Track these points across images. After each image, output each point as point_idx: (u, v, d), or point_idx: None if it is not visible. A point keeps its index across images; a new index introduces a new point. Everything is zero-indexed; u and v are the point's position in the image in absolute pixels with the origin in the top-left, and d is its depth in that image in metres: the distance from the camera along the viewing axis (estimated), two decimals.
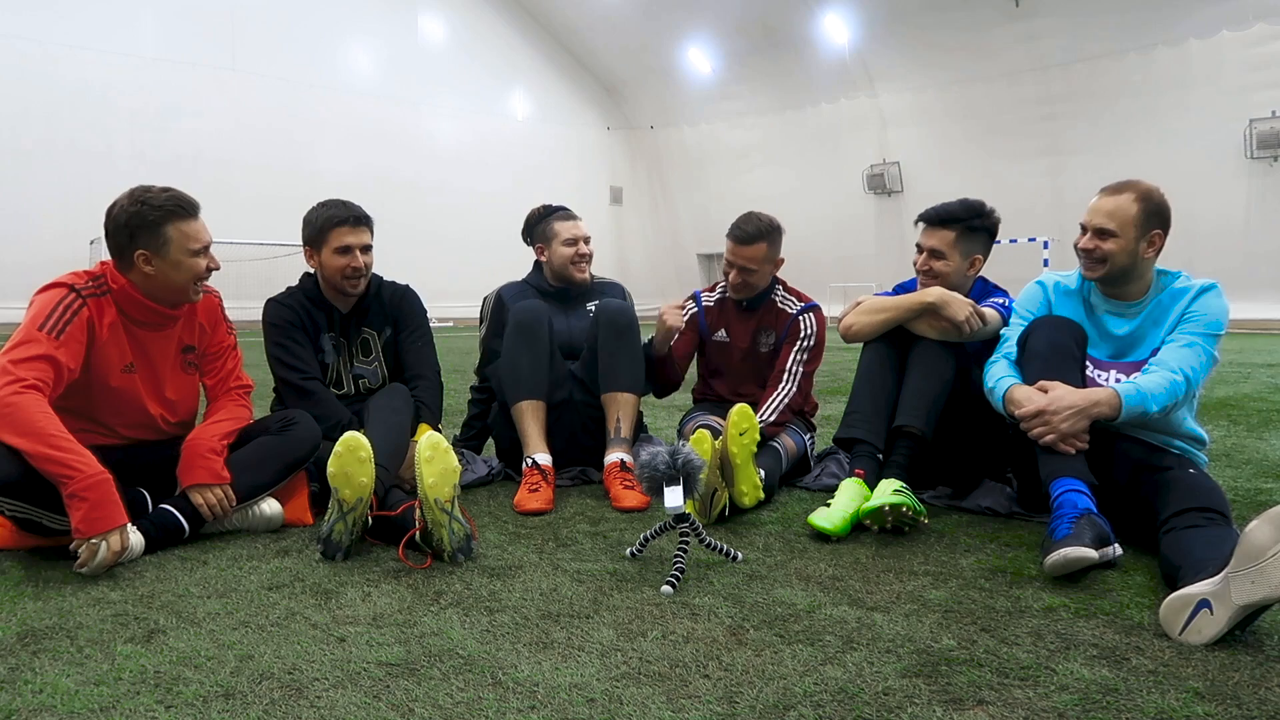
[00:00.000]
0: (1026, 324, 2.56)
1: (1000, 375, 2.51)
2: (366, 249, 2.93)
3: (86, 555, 2.04)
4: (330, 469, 2.20)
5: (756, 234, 3.19)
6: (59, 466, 2.06)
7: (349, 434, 2.21)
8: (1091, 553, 1.97)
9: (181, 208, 2.41)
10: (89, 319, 2.32)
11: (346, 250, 2.89)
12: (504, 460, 3.33)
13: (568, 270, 3.40)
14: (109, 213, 2.39)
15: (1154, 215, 2.40)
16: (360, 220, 2.93)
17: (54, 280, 2.36)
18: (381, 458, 2.46)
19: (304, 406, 2.76)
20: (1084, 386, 2.38)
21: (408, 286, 3.15)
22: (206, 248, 2.47)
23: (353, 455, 2.19)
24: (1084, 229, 2.47)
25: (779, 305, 3.31)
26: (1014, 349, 2.56)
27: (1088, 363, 2.50)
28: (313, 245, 2.94)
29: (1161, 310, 2.46)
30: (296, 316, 2.95)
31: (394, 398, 2.80)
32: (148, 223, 2.36)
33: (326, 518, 2.23)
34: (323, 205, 2.97)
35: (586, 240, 3.43)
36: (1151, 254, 2.43)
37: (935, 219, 2.86)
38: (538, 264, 3.52)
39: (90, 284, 2.37)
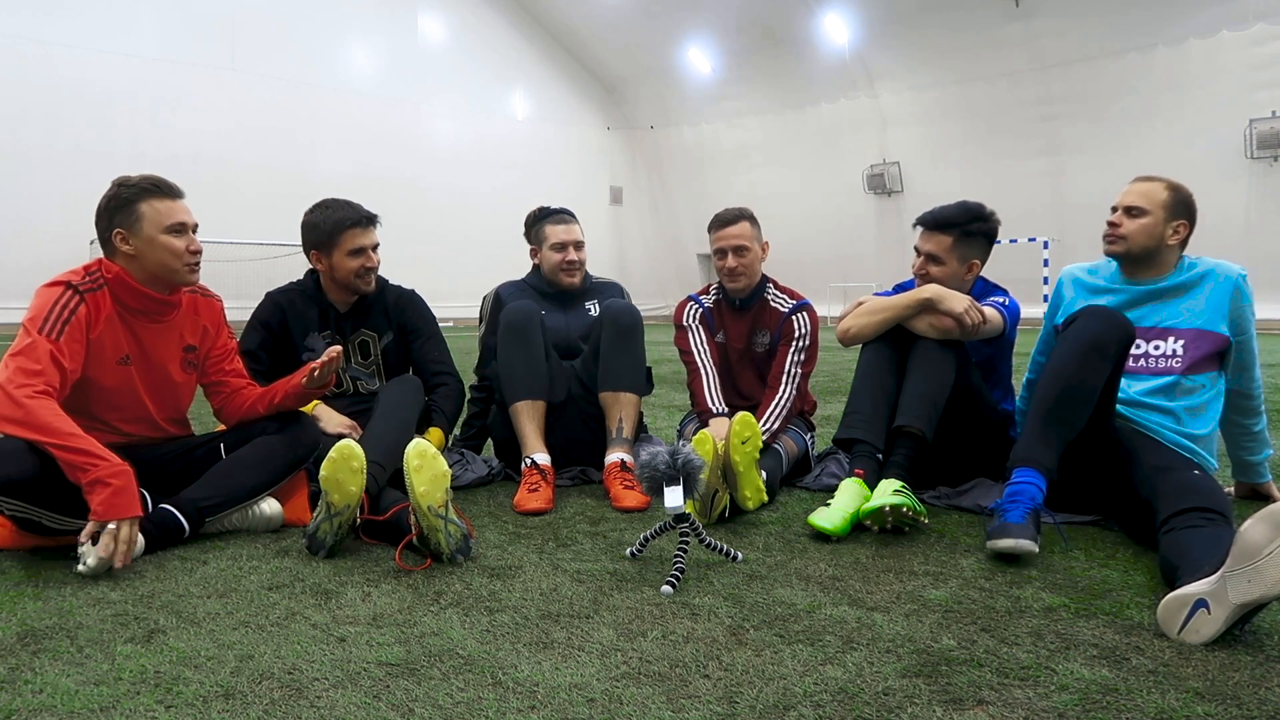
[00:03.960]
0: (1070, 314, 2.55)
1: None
2: (376, 247, 2.94)
3: (106, 540, 2.03)
4: (323, 472, 2.21)
5: (738, 214, 3.27)
6: (83, 456, 2.09)
7: (345, 442, 2.22)
8: (1034, 547, 2.14)
9: (156, 187, 2.42)
10: (87, 316, 2.32)
11: (360, 252, 2.89)
12: (503, 459, 3.33)
13: (556, 276, 3.41)
14: (97, 205, 2.42)
15: (1180, 205, 2.57)
16: (370, 220, 2.93)
17: (54, 278, 2.37)
18: (379, 455, 2.45)
19: None
20: (1118, 380, 2.41)
21: (413, 291, 3.15)
22: (184, 227, 2.43)
23: (345, 464, 2.20)
24: (1114, 210, 2.62)
25: (771, 304, 3.30)
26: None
27: (1139, 340, 2.56)
28: (321, 249, 2.93)
29: (1183, 286, 2.58)
30: (281, 313, 2.97)
31: (404, 392, 2.78)
32: (122, 201, 2.38)
33: (315, 515, 2.26)
34: (325, 207, 2.95)
35: (578, 246, 3.40)
36: (1175, 243, 2.58)
37: (931, 223, 2.85)
38: (536, 264, 3.52)
39: (87, 279, 2.38)
